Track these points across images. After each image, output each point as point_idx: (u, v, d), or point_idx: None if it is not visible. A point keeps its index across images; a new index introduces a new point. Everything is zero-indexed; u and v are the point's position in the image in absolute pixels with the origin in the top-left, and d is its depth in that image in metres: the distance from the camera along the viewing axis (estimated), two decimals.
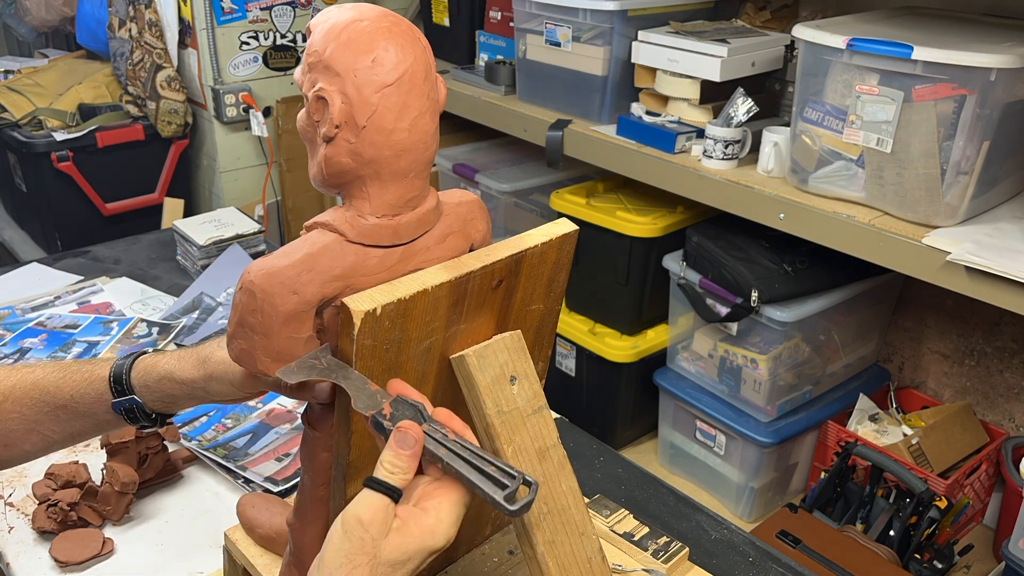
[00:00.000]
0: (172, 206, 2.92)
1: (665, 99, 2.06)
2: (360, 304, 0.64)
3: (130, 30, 2.82)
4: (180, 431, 1.37)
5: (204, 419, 1.42)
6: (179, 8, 2.77)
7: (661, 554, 1.05)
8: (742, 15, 2.23)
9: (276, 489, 1.26)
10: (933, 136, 1.52)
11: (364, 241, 0.71)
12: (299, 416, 1.45)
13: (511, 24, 2.37)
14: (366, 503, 0.64)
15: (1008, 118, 1.54)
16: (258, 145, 2.95)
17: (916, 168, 1.56)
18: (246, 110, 2.84)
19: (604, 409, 2.33)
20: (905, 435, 2.03)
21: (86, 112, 2.86)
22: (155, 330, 1.68)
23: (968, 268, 1.46)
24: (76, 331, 1.68)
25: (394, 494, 0.65)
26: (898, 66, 1.53)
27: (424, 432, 0.66)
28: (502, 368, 0.74)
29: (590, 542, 0.78)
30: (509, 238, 0.76)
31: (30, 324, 1.70)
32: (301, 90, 0.72)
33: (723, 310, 2.00)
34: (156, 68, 2.78)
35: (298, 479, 1.28)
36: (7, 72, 3.15)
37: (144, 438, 1.23)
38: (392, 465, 0.65)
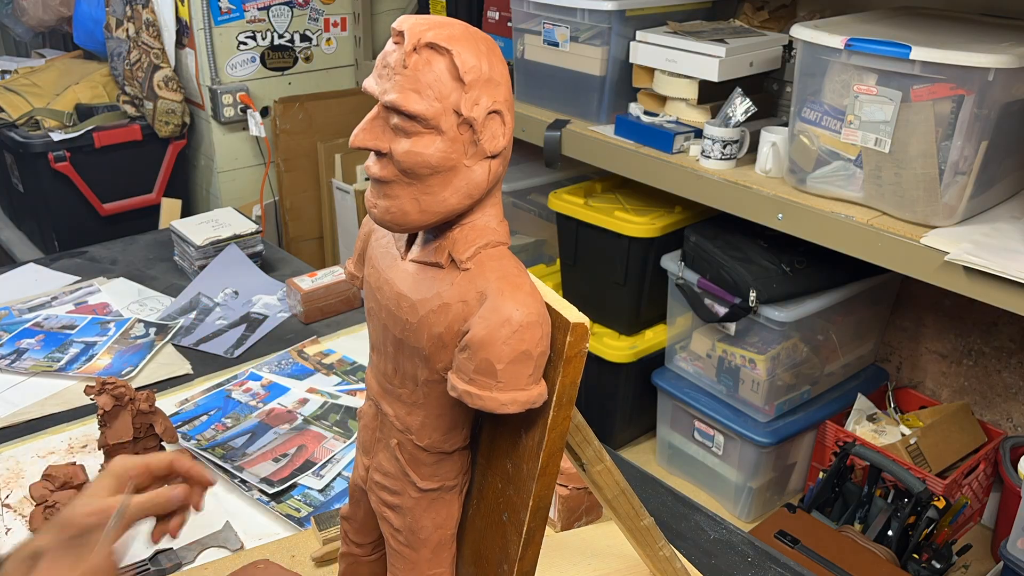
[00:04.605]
0: (169, 206, 2.91)
1: (663, 99, 2.06)
2: (579, 318, 0.65)
3: (127, 30, 2.81)
4: (179, 430, 1.36)
5: (204, 418, 1.42)
6: (176, 8, 2.76)
7: None
8: (740, 15, 2.23)
9: (272, 490, 1.26)
10: (931, 136, 1.52)
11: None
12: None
13: (509, 24, 2.36)
14: None
15: (1006, 118, 1.54)
16: (256, 145, 2.94)
17: (914, 168, 1.56)
18: (244, 110, 2.83)
19: (602, 409, 2.33)
20: (903, 435, 2.03)
21: (83, 112, 2.85)
22: (152, 330, 1.68)
23: (966, 268, 1.46)
24: (73, 332, 1.67)
25: None
26: (896, 66, 1.53)
27: None
28: None
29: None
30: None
31: (27, 325, 1.69)
32: (428, 119, 0.64)
33: (721, 310, 2.00)
34: (153, 68, 2.78)
35: (294, 481, 1.28)
36: (4, 72, 3.14)
37: (142, 439, 1.23)
38: None
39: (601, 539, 1.08)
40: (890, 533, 1.81)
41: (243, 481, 1.28)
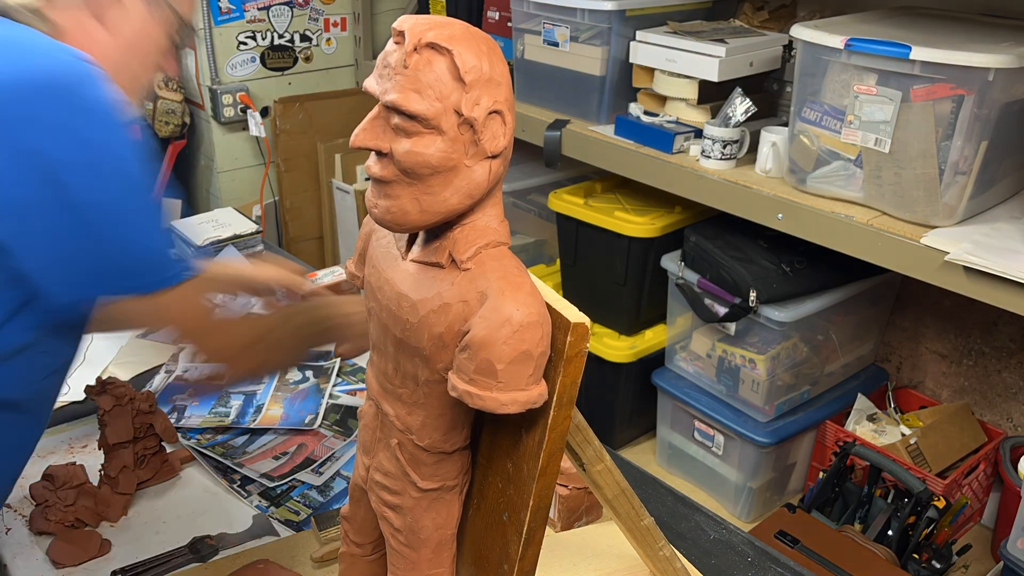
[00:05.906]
0: (169, 206, 2.91)
1: (663, 99, 2.06)
2: (580, 318, 0.65)
3: None
4: (180, 432, 1.36)
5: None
6: None
7: None
8: (740, 15, 2.23)
9: (272, 484, 1.26)
10: (931, 136, 1.52)
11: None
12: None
13: (509, 24, 2.36)
14: None
15: (1006, 118, 1.54)
16: (256, 145, 2.95)
17: (914, 168, 1.56)
18: (244, 110, 2.83)
19: (602, 409, 2.33)
20: (903, 435, 2.03)
21: None
22: None
23: (966, 268, 1.46)
24: None
25: None
26: (896, 66, 1.53)
27: None
28: None
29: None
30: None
31: None
32: (428, 119, 0.64)
33: (721, 310, 2.00)
34: None
35: (293, 479, 1.28)
36: None
37: (142, 439, 1.23)
38: None
39: (601, 539, 1.08)
40: (890, 533, 1.81)
41: (243, 482, 1.28)
